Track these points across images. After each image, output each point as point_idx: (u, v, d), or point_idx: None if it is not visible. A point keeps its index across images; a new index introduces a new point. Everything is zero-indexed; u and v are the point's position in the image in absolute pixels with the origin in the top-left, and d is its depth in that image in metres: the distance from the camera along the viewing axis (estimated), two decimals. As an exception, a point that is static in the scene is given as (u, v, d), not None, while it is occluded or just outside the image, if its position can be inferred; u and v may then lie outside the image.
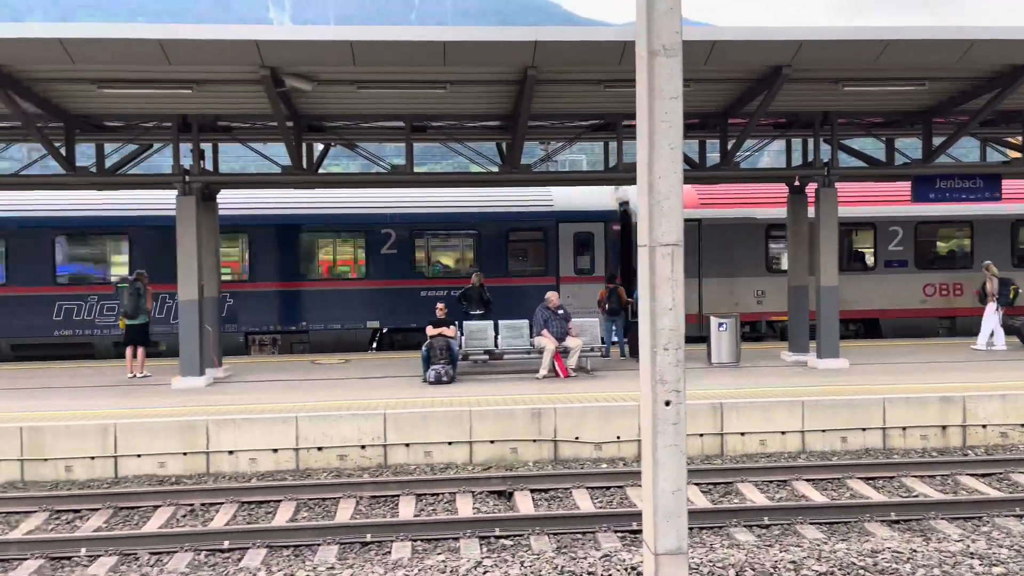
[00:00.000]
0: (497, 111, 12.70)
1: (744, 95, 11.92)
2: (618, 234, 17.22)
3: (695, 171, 13.26)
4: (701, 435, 9.88)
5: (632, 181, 13.62)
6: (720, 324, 13.44)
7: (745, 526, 7.42)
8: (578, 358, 12.60)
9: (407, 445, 9.72)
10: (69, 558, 6.92)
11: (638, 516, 7.15)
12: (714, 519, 7.51)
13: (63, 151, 12.02)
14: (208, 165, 13.16)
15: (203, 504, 8.31)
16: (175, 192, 12.20)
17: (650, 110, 4.68)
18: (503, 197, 16.90)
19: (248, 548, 7.02)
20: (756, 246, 16.76)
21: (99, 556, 6.91)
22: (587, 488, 8.56)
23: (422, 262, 16.80)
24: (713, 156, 14.12)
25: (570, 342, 12.57)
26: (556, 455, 9.83)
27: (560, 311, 12.75)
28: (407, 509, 8.08)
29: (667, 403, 4.71)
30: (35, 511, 8.17)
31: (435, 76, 10.68)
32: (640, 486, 8.13)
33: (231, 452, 9.53)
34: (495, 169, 13.74)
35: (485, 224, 16.68)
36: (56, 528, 7.79)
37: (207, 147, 13.19)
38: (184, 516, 8.07)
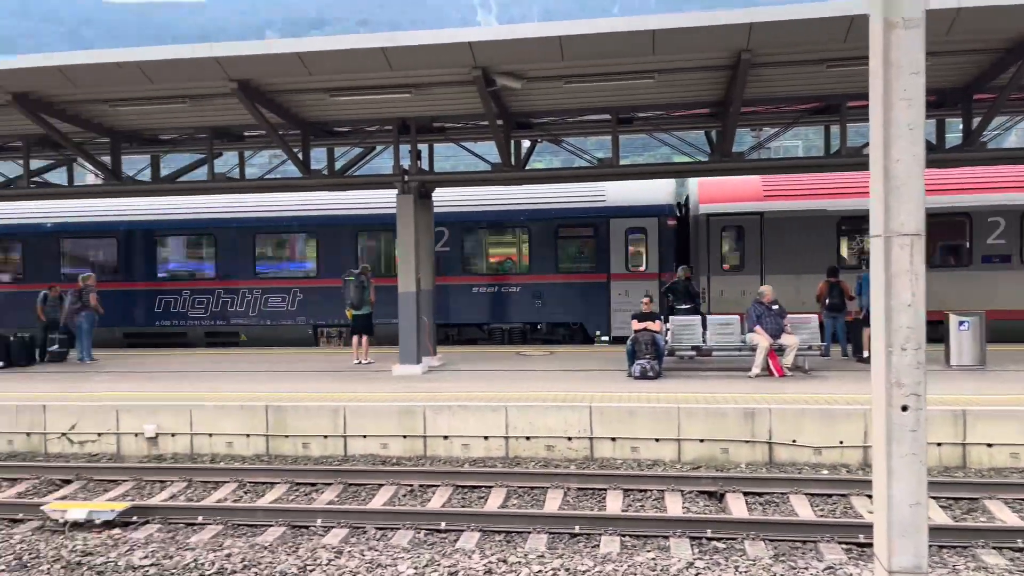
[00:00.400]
0: (707, 98, 12.29)
1: (991, 68, 10.65)
2: (674, 228, 16.71)
3: (935, 153, 12.03)
4: (939, 444, 8.96)
5: (856, 167, 12.65)
6: (961, 323, 12.13)
7: (995, 548, 6.62)
8: (794, 357, 11.90)
9: (613, 439, 9.68)
10: (307, 527, 7.58)
11: (865, 528, 6.63)
12: (957, 537, 6.77)
13: (300, 156, 13.18)
14: (424, 165, 13.89)
15: (421, 485, 8.78)
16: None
17: (885, 88, 4.25)
18: (554, 193, 16.72)
19: (463, 530, 7.32)
20: (827, 241, 15.74)
21: (332, 527, 7.50)
22: (806, 494, 8.05)
23: (477, 260, 17.07)
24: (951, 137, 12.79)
25: (786, 339, 11.91)
26: (771, 458, 9.35)
27: (775, 306, 12.12)
28: (614, 503, 8.04)
29: (904, 408, 4.28)
30: (278, 483, 9.05)
31: (643, 66, 10.53)
32: (868, 496, 7.55)
33: (446, 437, 9.99)
34: (703, 159, 13.31)
35: (535, 221, 16.66)
36: (295, 499, 8.57)
37: (423, 148, 13.93)
38: (404, 496, 8.57)
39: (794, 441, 9.29)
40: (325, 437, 10.22)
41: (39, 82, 11.04)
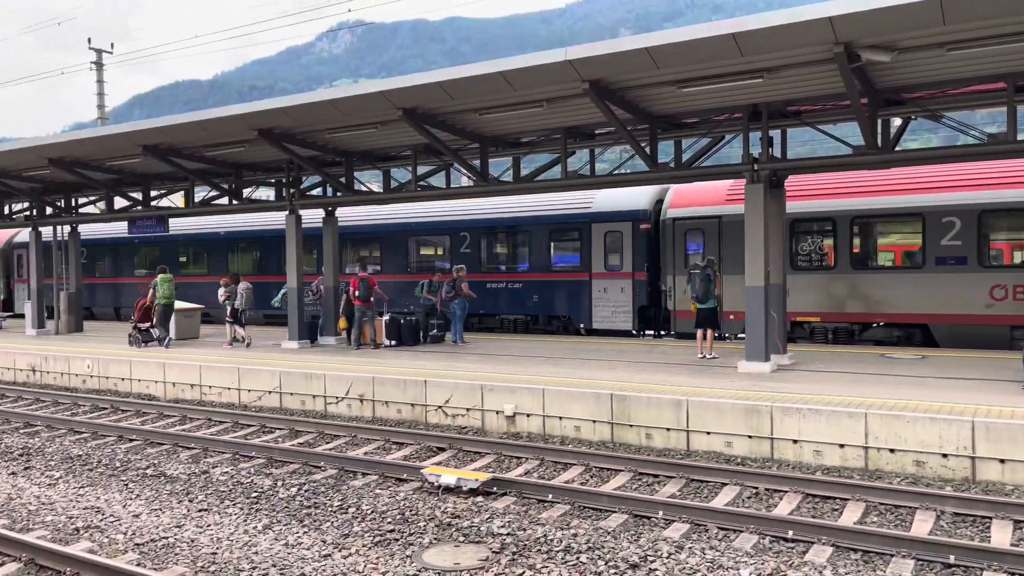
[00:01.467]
0: None
1: None
2: (648, 232, 18.02)
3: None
4: None
5: None
6: None
7: None
8: None
9: (1002, 461, 8.30)
10: (648, 518, 7.66)
11: None
12: None
13: (647, 150, 13.34)
14: (776, 152, 13.20)
15: (767, 489, 8.38)
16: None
17: None
18: (550, 201, 18.99)
19: (813, 543, 6.83)
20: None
21: (673, 521, 7.49)
22: None
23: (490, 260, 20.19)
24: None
25: None
26: None
27: None
28: (1001, 535, 6.89)
29: None
30: (622, 470, 9.29)
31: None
32: None
33: (795, 441, 9.41)
34: None
35: (536, 226, 19.34)
36: (638, 488, 8.71)
37: (774, 134, 13.23)
38: (749, 498, 8.25)
39: None
40: (668, 430, 10.24)
41: (423, 97, 12.59)
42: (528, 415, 11.31)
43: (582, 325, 18.76)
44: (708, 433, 9.98)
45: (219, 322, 22.99)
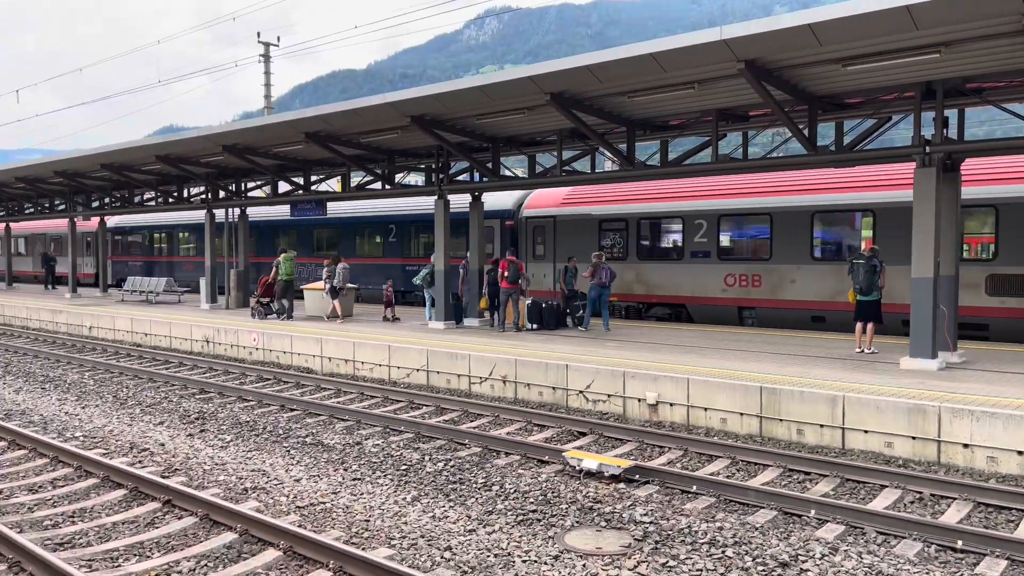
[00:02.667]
0: None
1: None
2: (512, 228, 22.30)
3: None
4: None
5: None
6: None
7: None
8: None
9: None
10: (799, 516, 7.35)
11: None
12: None
13: (806, 132, 12.69)
14: (951, 133, 12.21)
15: (932, 495, 7.83)
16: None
17: None
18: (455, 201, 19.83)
19: (985, 555, 6.32)
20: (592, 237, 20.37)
21: (827, 521, 7.14)
22: None
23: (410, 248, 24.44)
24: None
25: None
26: None
27: None
28: None
29: None
30: (770, 465, 8.95)
31: None
32: None
33: (966, 446, 8.72)
34: None
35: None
36: (788, 485, 8.37)
37: (949, 114, 12.24)
38: (912, 503, 7.74)
39: None
40: (821, 426, 9.76)
41: (571, 81, 12.55)
42: (671, 404, 11.11)
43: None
44: (866, 432, 9.43)
45: (374, 301, 24.20)
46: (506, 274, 17.03)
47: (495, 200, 22.49)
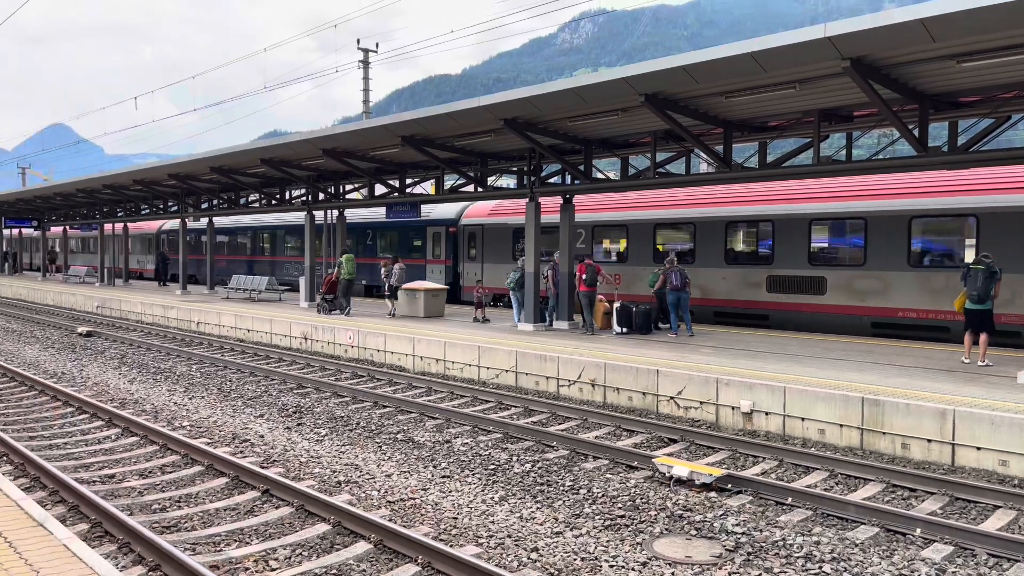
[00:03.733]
0: None
1: None
2: (454, 233, 26.60)
3: None
4: None
5: None
6: None
7: None
8: None
9: None
10: (903, 534, 6.99)
11: None
12: None
13: (916, 133, 12.10)
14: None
15: (1052, 519, 7.32)
16: None
17: None
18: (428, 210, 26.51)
19: (1112, 587, 5.85)
20: (508, 244, 24.65)
21: (934, 541, 6.77)
22: None
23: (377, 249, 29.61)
24: None
25: None
26: None
27: None
28: None
29: None
30: (872, 480, 8.56)
31: None
32: None
33: (1091, 467, 8.11)
34: None
35: (401, 228, 28.32)
36: (891, 502, 7.98)
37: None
38: (1028, 526, 7.26)
39: None
40: (928, 441, 9.27)
41: (665, 82, 12.36)
42: (767, 413, 10.79)
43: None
44: (978, 448, 8.90)
45: (466, 303, 24.66)
46: (584, 277, 17.01)
47: (444, 210, 27.06)
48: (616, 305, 17.44)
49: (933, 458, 9.23)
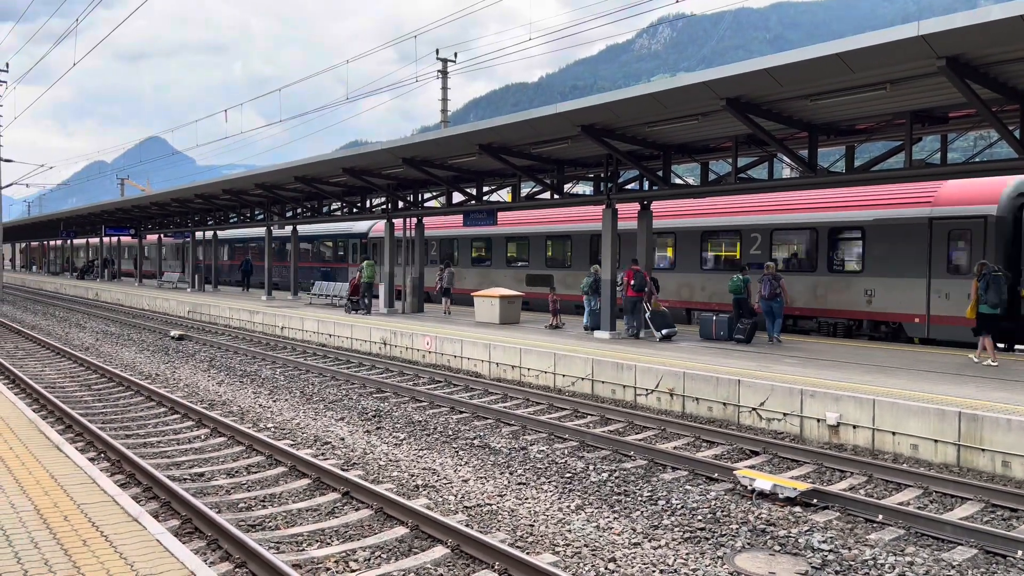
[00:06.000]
0: None
1: None
2: (364, 243, 34.77)
3: None
4: None
5: None
6: None
7: None
8: None
9: None
10: (1004, 556, 6.61)
11: None
12: None
13: (1016, 135, 11.50)
14: None
15: None
16: None
17: None
18: (348, 226, 35.57)
19: None
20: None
21: (1038, 566, 6.38)
22: None
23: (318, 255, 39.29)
24: None
25: None
26: None
27: None
28: None
29: None
30: (970, 499, 8.14)
31: None
32: None
33: None
34: None
35: (337, 238, 37.32)
36: (991, 522, 7.56)
37: None
38: None
39: None
40: (1032, 459, 8.75)
41: (747, 86, 12.10)
42: (854, 427, 10.39)
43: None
44: (1087, 469, 8.35)
45: (539, 309, 24.64)
46: (632, 282, 17.26)
47: (361, 226, 34.46)
48: (646, 313, 17.47)
49: (1037, 477, 8.71)
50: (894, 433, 9.96)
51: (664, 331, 17.30)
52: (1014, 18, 8.82)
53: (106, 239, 54.30)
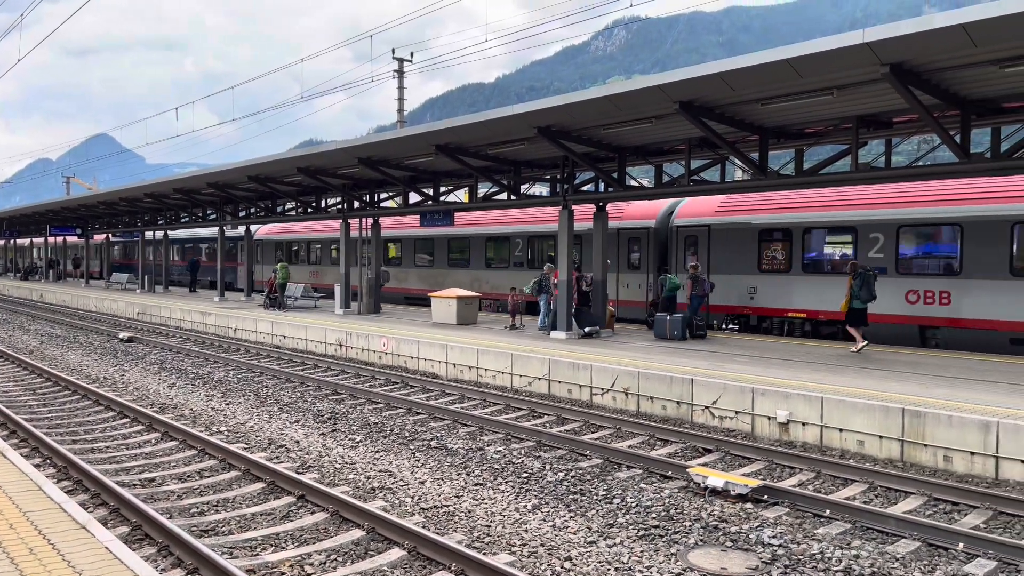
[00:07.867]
0: None
1: None
2: (252, 245, 35.68)
3: None
4: None
5: None
6: None
7: None
8: None
9: None
10: (945, 549, 6.85)
11: None
12: None
13: (957, 139, 11.89)
14: None
15: (1102, 535, 7.10)
16: None
17: None
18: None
19: None
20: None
21: (977, 556, 6.62)
22: None
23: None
24: None
25: None
26: None
27: None
28: None
29: None
30: (912, 493, 8.39)
31: None
32: None
33: None
34: None
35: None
36: (933, 515, 7.82)
37: None
38: (1077, 542, 7.04)
39: None
40: (972, 454, 9.07)
41: (701, 89, 12.29)
42: (803, 424, 10.64)
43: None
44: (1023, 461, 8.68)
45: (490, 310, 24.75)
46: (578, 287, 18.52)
47: (264, 231, 38.21)
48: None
49: (977, 471, 9.00)
50: (841, 430, 10.23)
51: (587, 328, 17.98)
52: (955, 26, 9.12)
53: (51, 239, 52.83)
